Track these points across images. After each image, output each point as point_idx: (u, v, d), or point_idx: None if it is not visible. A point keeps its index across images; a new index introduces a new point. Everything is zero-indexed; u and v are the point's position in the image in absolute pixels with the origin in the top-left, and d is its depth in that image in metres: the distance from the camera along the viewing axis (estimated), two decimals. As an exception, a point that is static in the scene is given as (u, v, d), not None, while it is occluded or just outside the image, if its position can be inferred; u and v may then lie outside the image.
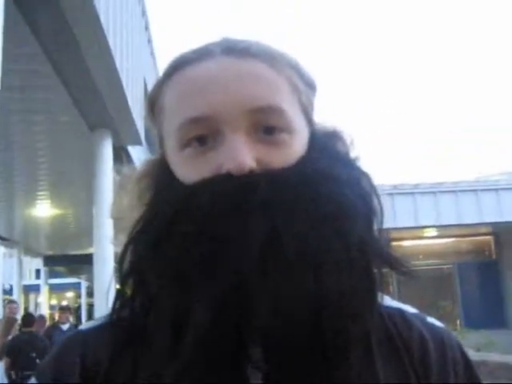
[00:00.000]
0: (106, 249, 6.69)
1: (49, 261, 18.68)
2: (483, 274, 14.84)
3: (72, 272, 22.30)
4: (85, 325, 0.81)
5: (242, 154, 0.66)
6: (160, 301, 0.66)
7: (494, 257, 15.16)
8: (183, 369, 0.63)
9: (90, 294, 21.69)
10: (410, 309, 0.79)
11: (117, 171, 0.85)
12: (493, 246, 15.21)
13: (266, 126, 0.69)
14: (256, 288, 0.61)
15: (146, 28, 8.44)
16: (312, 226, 0.64)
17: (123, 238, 0.74)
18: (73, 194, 10.11)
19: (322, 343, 0.63)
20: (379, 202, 0.72)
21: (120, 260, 0.73)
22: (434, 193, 13.38)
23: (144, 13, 8.01)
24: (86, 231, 8.54)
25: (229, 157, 0.66)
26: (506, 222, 13.30)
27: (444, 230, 14.07)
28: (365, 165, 0.75)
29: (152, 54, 9.58)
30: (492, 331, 12.67)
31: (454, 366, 0.74)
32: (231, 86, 0.69)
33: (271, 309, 0.60)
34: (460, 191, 13.43)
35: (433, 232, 14.29)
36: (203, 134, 0.69)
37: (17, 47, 4.44)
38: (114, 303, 0.74)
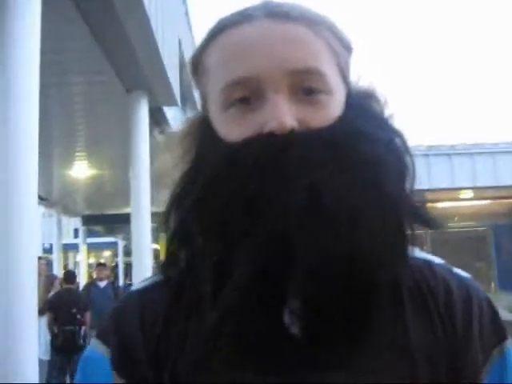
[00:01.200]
0: (143, 208, 6.80)
1: (87, 220, 18.97)
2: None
3: (109, 231, 22.62)
4: (136, 285, 0.85)
5: (284, 114, 0.69)
6: (204, 254, 0.71)
7: (530, 219, 14.94)
8: (224, 314, 0.67)
9: (127, 253, 22.02)
10: (437, 259, 0.82)
11: (160, 131, 0.89)
12: (530, 209, 14.97)
13: (306, 87, 0.72)
14: (296, 240, 0.65)
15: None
16: (348, 182, 0.67)
17: (165, 195, 0.78)
18: (110, 155, 10.21)
19: (357, 293, 0.66)
20: (412, 161, 0.75)
21: (164, 217, 0.77)
22: (470, 154, 13.19)
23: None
24: (123, 191, 8.66)
25: (271, 116, 0.70)
26: (544, 184, 13.06)
27: (480, 191, 13.88)
28: (399, 123, 0.78)
29: (187, 14, 9.54)
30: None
31: (480, 316, 0.76)
32: (273, 49, 0.72)
33: (311, 259, 0.65)
34: (497, 152, 13.21)
35: (469, 194, 14.12)
36: (246, 95, 0.73)
37: (53, 10, 4.47)
38: (163, 262, 0.78)
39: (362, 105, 0.78)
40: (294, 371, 0.68)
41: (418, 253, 0.79)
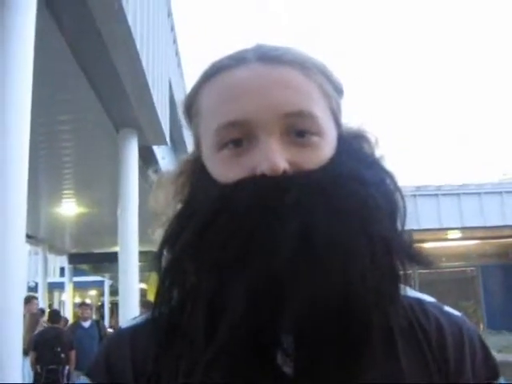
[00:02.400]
0: (131, 247, 6.75)
1: (73, 258, 18.83)
2: (506, 277, 14.70)
3: (96, 270, 22.45)
4: (127, 322, 0.85)
5: (276, 156, 0.71)
6: (197, 291, 0.71)
7: (518, 260, 14.99)
8: (216, 355, 0.67)
9: (113, 292, 21.82)
10: (428, 298, 0.82)
11: (154, 171, 0.90)
12: (517, 249, 15.04)
13: (298, 129, 0.74)
14: (288, 279, 0.65)
15: (172, 29, 8.50)
16: (340, 223, 0.68)
17: (157, 234, 0.79)
18: (98, 193, 10.19)
19: (348, 334, 0.66)
20: (403, 201, 0.76)
21: (157, 254, 0.77)
22: (457, 194, 13.29)
23: (170, 14, 8.07)
24: (111, 230, 8.60)
25: (263, 159, 0.71)
26: (531, 225, 13.15)
27: (468, 232, 13.96)
28: (389, 164, 0.80)
29: (177, 54, 9.64)
30: (515, 334, 12.55)
31: (472, 355, 0.76)
32: (266, 92, 0.73)
33: (303, 298, 0.65)
34: (484, 193, 13.32)
35: (456, 234, 14.18)
36: (239, 138, 0.74)
37: (44, 46, 4.50)
38: (155, 300, 0.77)
39: (352, 146, 0.79)
40: None
41: (409, 291, 0.80)
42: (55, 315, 8.66)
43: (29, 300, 8.94)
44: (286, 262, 0.65)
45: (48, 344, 7.73)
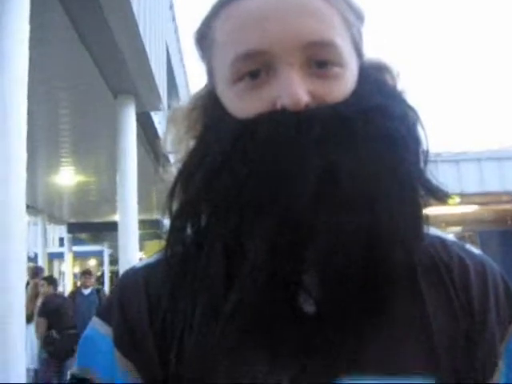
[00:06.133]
0: (130, 216, 6.75)
1: (72, 228, 18.86)
2: (504, 242, 14.79)
3: (95, 239, 22.50)
4: (140, 263, 0.82)
5: (298, 90, 0.66)
6: (214, 234, 0.68)
7: (516, 225, 15.08)
8: (240, 299, 0.65)
9: (113, 261, 21.92)
10: (449, 237, 0.80)
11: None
12: (515, 215, 15.11)
13: (319, 60, 0.69)
14: (312, 219, 0.63)
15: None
16: (366, 161, 0.65)
17: (171, 171, 0.76)
18: (96, 161, 10.17)
19: (374, 272, 0.64)
20: (425, 134, 0.73)
21: (170, 192, 0.74)
22: (456, 161, 13.29)
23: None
24: (110, 199, 8.62)
25: (285, 92, 0.67)
26: (530, 191, 13.20)
27: (466, 198, 14.00)
28: (411, 98, 0.76)
29: (174, 20, 9.52)
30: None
31: (496, 290, 0.74)
32: (286, 20, 0.69)
33: (327, 239, 0.63)
34: (483, 159, 13.33)
35: (455, 200, 14.21)
36: (257, 69, 0.69)
37: (40, 13, 4.43)
38: (168, 238, 0.74)
39: (375, 77, 0.75)
40: (309, 352, 0.66)
41: (431, 230, 0.77)
42: (54, 280, 8.69)
43: (37, 274, 8.97)
44: (310, 201, 0.62)
45: (60, 310, 7.69)
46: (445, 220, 14.52)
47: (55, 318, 7.56)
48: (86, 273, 10.16)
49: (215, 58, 0.76)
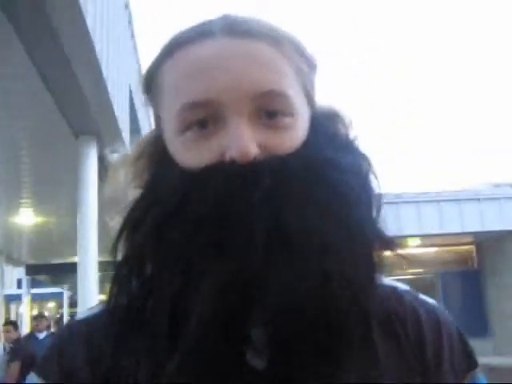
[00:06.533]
0: (90, 257, 6.63)
1: (31, 270, 18.42)
2: (465, 283, 14.91)
3: (54, 281, 22.03)
4: (82, 313, 0.79)
5: (246, 142, 0.65)
6: (160, 287, 0.66)
7: (475, 266, 15.25)
8: (184, 360, 0.62)
9: (73, 303, 21.44)
10: (401, 286, 0.80)
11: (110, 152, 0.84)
12: (475, 256, 15.30)
13: (269, 110, 0.68)
14: (262, 273, 0.61)
15: (132, 36, 8.43)
16: (315, 215, 0.64)
17: (116, 220, 0.74)
18: (57, 202, 10.01)
19: (325, 328, 0.62)
20: (378, 184, 0.72)
21: (115, 243, 0.71)
22: (417, 202, 13.45)
23: (130, 20, 7.99)
24: (70, 240, 8.45)
25: (234, 144, 0.65)
26: (488, 232, 13.40)
27: (427, 239, 14.13)
28: (363, 145, 0.75)
29: (138, 62, 9.56)
30: (474, 339, 12.76)
31: (450, 341, 0.74)
32: (235, 69, 0.68)
33: (277, 292, 0.61)
34: (443, 201, 13.52)
35: (416, 241, 14.33)
36: (204, 118, 0.68)
37: (0, 51, 4.40)
38: (111, 290, 0.72)
39: (326, 127, 0.74)
40: None
41: (384, 280, 0.77)
42: (15, 323, 8.50)
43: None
44: (259, 255, 0.61)
45: (31, 351, 7.53)
46: (406, 262, 14.59)
47: (28, 361, 7.38)
48: (38, 316, 9.94)
49: (162, 105, 0.74)
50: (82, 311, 0.81)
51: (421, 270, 15.17)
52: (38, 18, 4.30)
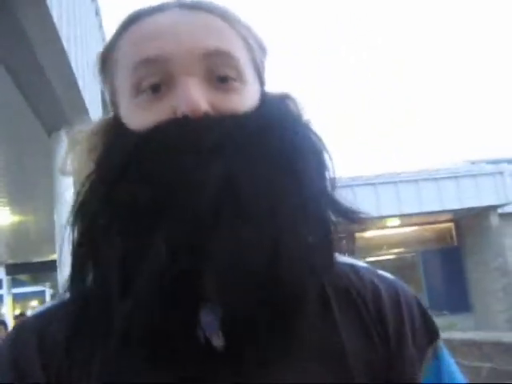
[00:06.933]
0: (69, 254, 6.58)
1: (11, 270, 18.30)
2: (446, 261, 15.10)
3: (36, 280, 21.91)
4: (36, 309, 0.78)
5: (197, 97, 0.66)
6: (110, 249, 0.64)
7: (455, 243, 15.43)
8: (133, 308, 0.61)
9: (55, 301, 21.32)
10: (360, 263, 0.79)
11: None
12: (454, 233, 15.48)
13: (219, 75, 0.70)
14: (211, 234, 0.60)
15: (100, 27, 8.35)
16: (268, 173, 0.63)
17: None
18: (32, 201, 9.92)
19: (280, 294, 0.61)
20: (331, 162, 0.71)
21: (70, 224, 0.73)
22: (394, 182, 13.55)
23: (98, 12, 7.91)
24: (48, 238, 8.39)
25: (183, 100, 0.66)
26: (466, 209, 13.56)
27: (406, 218, 14.25)
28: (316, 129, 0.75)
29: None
30: (455, 315, 12.97)
31: (410, 314, 0.74)
32: (184, 32, 0.70)
33: (227, 255, 0.59)
34: (421, 180, 13.64)
35: (395, 221, 14.45)
36: (157, 82, 0.69)
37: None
38: (68, 278, 0.73)
39: (279, 102, 0.75)
40: (212, 379, 0.63)
41: (342, 257, 0.76)
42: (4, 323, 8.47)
43: None
44: (207, 215, 0.60)
45: None
46: (386, 242, 14.73)
47: None
48: (20, 316, 9.93)
49: (117, 76, 0.75)
50: (37, 308, 0.80)
51: (401, 250, 15.33)
52: (3, 13, 4.24)
